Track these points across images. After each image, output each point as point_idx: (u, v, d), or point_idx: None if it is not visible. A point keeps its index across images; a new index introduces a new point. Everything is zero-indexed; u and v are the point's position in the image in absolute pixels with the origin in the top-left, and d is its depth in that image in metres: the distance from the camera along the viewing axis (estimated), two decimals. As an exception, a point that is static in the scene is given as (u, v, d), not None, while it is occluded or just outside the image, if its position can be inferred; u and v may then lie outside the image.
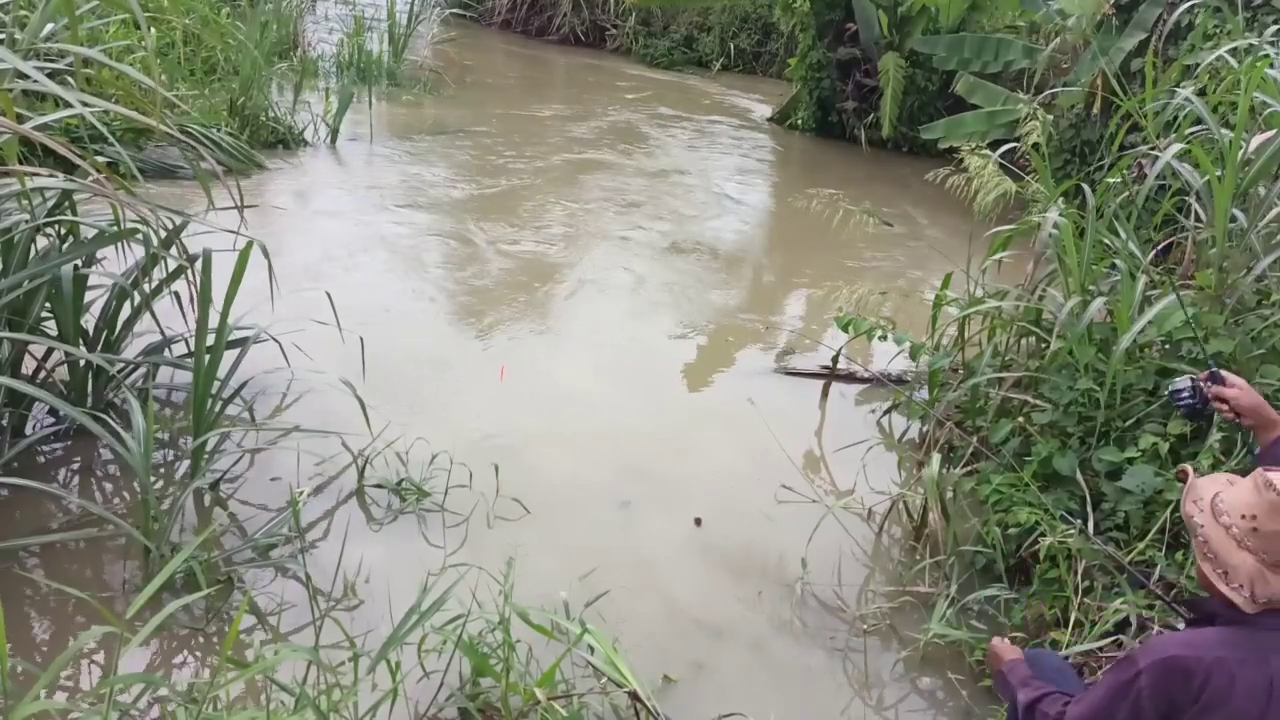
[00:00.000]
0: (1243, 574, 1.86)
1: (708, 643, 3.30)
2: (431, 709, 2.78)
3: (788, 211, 8.42)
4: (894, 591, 3.59)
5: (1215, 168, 3.77)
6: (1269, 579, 1.84)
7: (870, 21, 10.23)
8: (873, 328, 4.82)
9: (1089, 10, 7.57)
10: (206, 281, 3.48)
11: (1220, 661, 1.83)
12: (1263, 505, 1.86)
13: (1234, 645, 1.86)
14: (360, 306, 5.24)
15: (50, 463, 3.74)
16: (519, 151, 8.96)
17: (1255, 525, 1.86)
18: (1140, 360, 3.81)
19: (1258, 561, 1.85)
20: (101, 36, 6.41)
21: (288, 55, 9.97)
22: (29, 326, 3.56)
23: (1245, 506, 1.88)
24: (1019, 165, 5.16)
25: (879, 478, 4.34)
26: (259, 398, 4.19)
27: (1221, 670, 1.83)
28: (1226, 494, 1.93)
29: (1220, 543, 1.90)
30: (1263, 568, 1.85)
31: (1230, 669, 1.83)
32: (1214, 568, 1.90)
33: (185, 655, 2.97)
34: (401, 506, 3.74)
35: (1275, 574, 1.85)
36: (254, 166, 7.30)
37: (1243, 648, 1.85)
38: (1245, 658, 1.84)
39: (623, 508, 3.97)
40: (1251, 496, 1.88)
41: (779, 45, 14.13)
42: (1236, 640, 1.87)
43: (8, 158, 3.30)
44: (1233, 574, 1.87)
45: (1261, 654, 1.84)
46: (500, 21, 15.74)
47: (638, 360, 5.31)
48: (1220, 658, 1.84)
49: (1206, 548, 1.92)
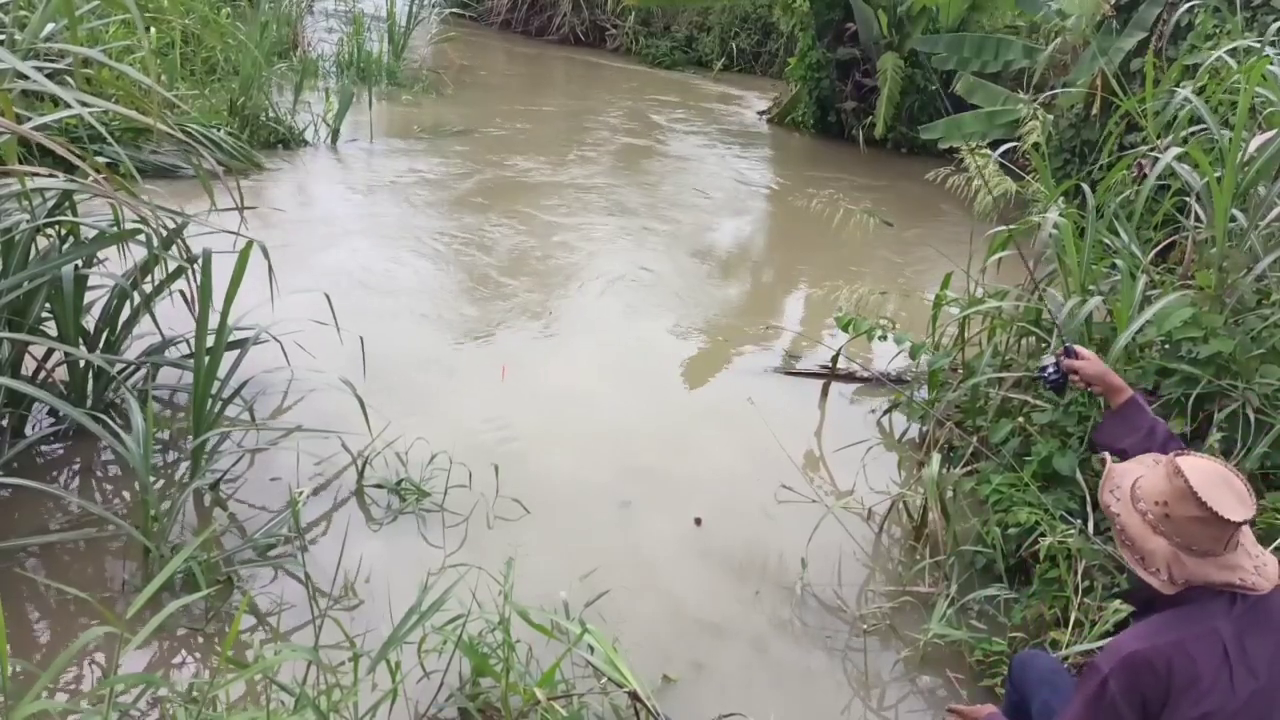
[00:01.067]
0: (1159, 558, 1.93)
1: (708, 643, 3.30)
2: (431, 709, 2.78)
3: (788, 211, 8.42)
4: (894, 591, 3.59)
5: (1215, 168, 3.77)
6: (1184, 561, 1.92)
7: (870, 21, 10.23)
8: (873, 328, 4.82)
9: (1089, 10, 7.57)
10: (207, 281, 3.48)
11: (1175, 644, 1.90)
12: (1173, 491, 1.94)
13: (1181, 624, 1.92)
14: (360, 306, 5.25)
15: (50, 463, 3.74)
16: (519, 151, 8.96)
17: (1167, 511, 1.94)
18: (1140, 360, 3.81)
19: (1172, 546, 1.93)
20: (101, 37, 6.41)
21: (287, 55, 9.97)
22: (29, 327, 3.55)
23: (1158, 493, 1.97)
24: (1019, 165, 5.16)
25: (879, 478, 4.34)
26: (259, 398, 4.19)
27: (1180, 651, 1.89)
28: (1144, 481, 2.02)
29: (1136, 529, 1.98)
30: (1177, 551, 1.92)
31: (1186, 648, 1.89)
32: (1132, 554, 1.98)
33: (185, 655, 2.97)
34: (401, 506, 3.74)
35: (1189, 556, 1.92)
36: (254, 166, 7.31)
37: (1189, 624, 1.92)
38: (1195, 632, 1.90)
39: (623, 507, 3.97)
40: (1164, 483, 1.97)
41: (778, 45, 14.13)
42: (1179, 620, 1.93)
43: (7, 158, 3.30)
44: (1149, 559, 1.95)
45: (1207, 624, 1.91)
46: (500, 21, 15.75)
47: (638, 360, 5.31)
48: (1174, 640, 1.91)
49: (1124, 535, 2.00)
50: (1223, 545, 1.92)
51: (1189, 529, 1.92)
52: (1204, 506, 1.89)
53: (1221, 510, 1.88)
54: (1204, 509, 1.89)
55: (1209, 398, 3.50)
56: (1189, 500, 1.91)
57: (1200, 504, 1.89)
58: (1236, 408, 3.38)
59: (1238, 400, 3.39)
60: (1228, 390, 3.43)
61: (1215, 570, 1.91)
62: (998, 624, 3.39)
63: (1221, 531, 1.91)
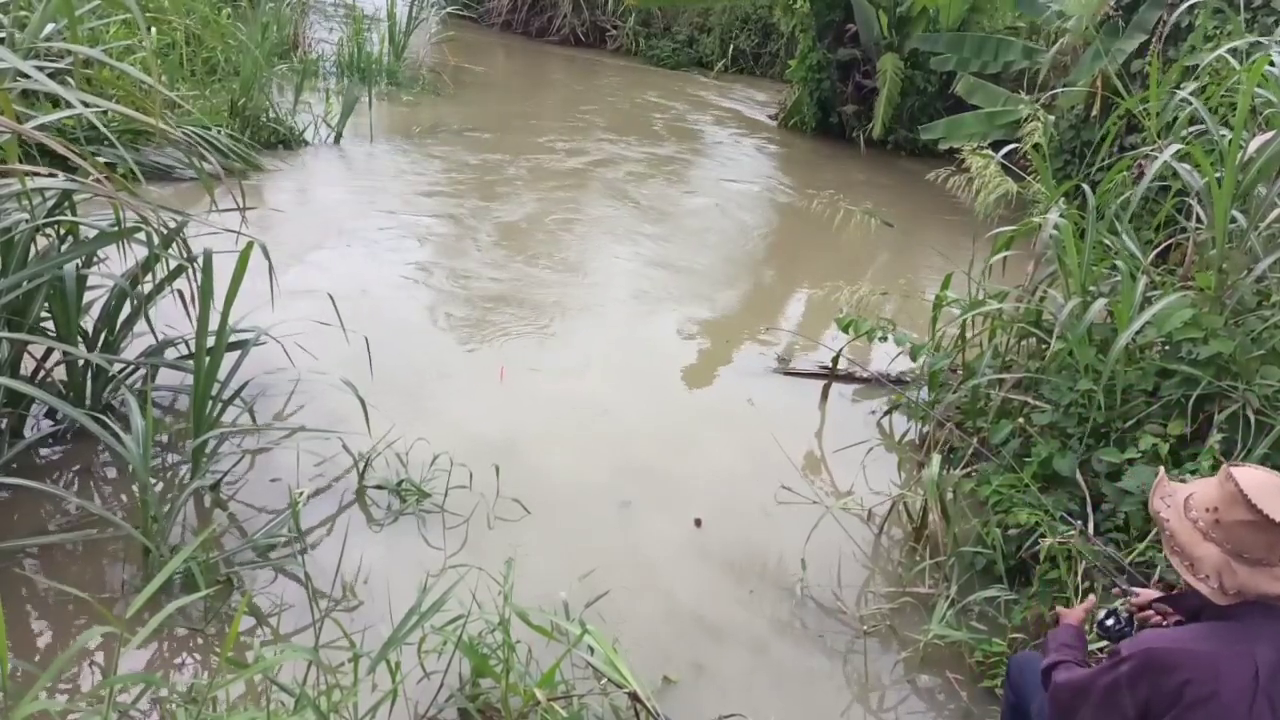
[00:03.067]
0: (1209, 565, 1.92)
1: (708, 643, 3.30)
2: (431, 709, 2.78)
3: (788, 212, 8.42)
4: (894, 592, 3.59)
5: (1215, 169, 3.77)
6: (1235, 569, 1.90)
7: (870, 22, 10.23)
8: (873, 328, 4.82)
9: (1090, 11, 7.57)
10: (208, 282, 3.48)
11: (1203, 654, 1.88)
12: (1224, 496, 1.94)
13: (1217, 638, 1.90)
14: (361, 307, 5.24)
15: (50, 465, 3.74)
16: (519, 151, 8.96)
17: (1218, 517, 1.93)
18: (1140, 361, 3.81)
19: (1223, 553, 1.92)
20: (101, 36, 6.41)
21: (288, 56, 9.96)
22: (28, 327, 3.55)
23: (1209, 500, 1.97)
24: (1020, 166, 5.15)
25: (879, 478, 4.34)
26: (260, 398, 4.19)
27: (1204, 664, 1.87)
28: (1198, 492, 2.03)
29: (1185, 535, 1.97)
30: (1228, 558, 1.91)
31: (1214, 662, 1.86)
32: (1181, 560, 1.97)
33: (185, 656, 2.96)
34: (402, 507, 3.74)
35: (1241, 564, 1.90)
36: (254, 167, 7.30)
37: (1225, 639, 1.89)
38: (1228, 649, 1.88)
39: (623, 508, 3.97)
40: (1214, 490, 1.97)
41: (779, 46, 14.13)
42: (1219, 633, 1.91)
43: (8, 157, 3.29)
44: (1198, 565, 1.94)
45: (1245, 645, 1.88)
46: (500, 22, 15.71)
47: (638, 360, 5.31)
48: (1202, 650, 1.88)
49: (1173, 541, 2.00)
50: (1277, 554, 1.90)
51: (1239, 534, 1.90)
52: (1255, 510, 1.87)
53: (1274, 514, 1.86)
54: (1255, 512, 1.87)
55: (1209, 399, 3.50)
56: (1240, 504, 1.90)
57: (1251, 507, 1.88)
58: (1237, 409, 3.38)
59: (1238, 401, 3.38)
60: (1228, 391, 3.43)
61: (1269, 581, 1.89)
62: (998, 625, 3.39)
63: (1274, 538, 1.88)
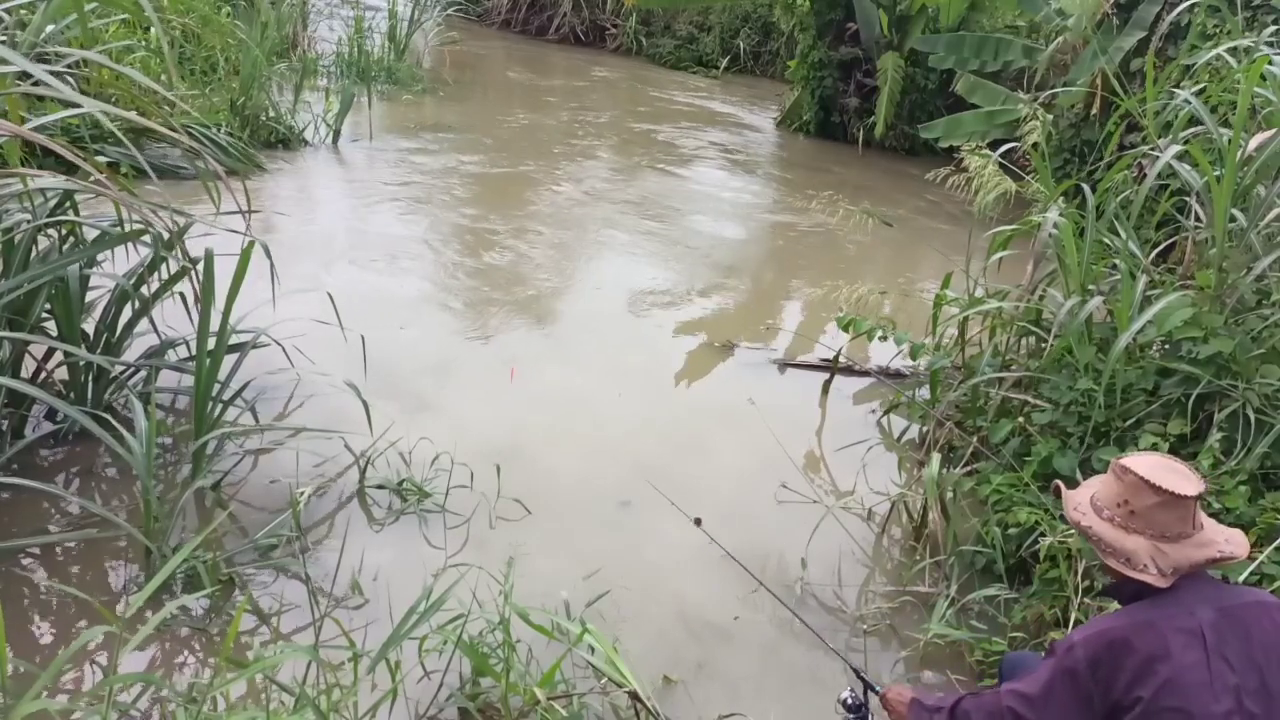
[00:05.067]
0: (1143, 555, 2.00)
1: (708, 643, 3.30)
2: (431, 709, 2.78)
3: (789, 211, 8.42)
4: (894, 591, 3.59)
5: (1214, 168, 3.77)
6: (1165, 550, 1.99)
7: (870, 21, 10.24)
8: (873, 328, 4.82)
9: (1089, 10, 7.57)
10: (209, 282, 3.48)
11: (1148, 625, 1.94)
12: (1127, 488, 2.04)
13: (1158, 609, 1.97)
14: (362, 307, 5.24)
15: (50, 466, 3.74)
16: (519, 150, 8.96)
17: (1131, 508, 2.03)
18: (1140, 360, 3.81)
19: (1148, 539, 2.00)
20: (101, 36, 6.40)
21: (287, 55, 9.96)
22: (30, 327, 3.55)
23: (1115, 495, 2.06)
24: (1019, 165, 5.16)
25: (879, 478, 4.34)
26: (262, 398, 4.18)
27: (1152, 633, 1.92)
28: (1099, 491, 2.12)
29: (1111, 535, 2.05)
30: (1155, 542, 2.00)
31: (1160, 630, 1.93)
32: (1117, 559, 2.04)
33: (186, 655, 2.97)
34: (403, 507, 3.74)
35: (1168, 544, 1.99)
36: (254, 167, 7.30)
37: (1167, 608, 1.96)
38: (1170, 615, 1.94)
39: (623, 508, 3.97)
40: (1116, 485, 2.07)
41: (779, 45, 14.14)
42: (1158, 606, 1.98)
43: (9, 159, 3.29)
44: (1134, 558, 2.01)
45: (1185, 610, 1.95)
46: (500, 21, 15.72)
47: (639, 360, 5.32)
48: (1147, 621, 1.95)
49: (1102, 544, 2.07)
50: (1191, 524, 2.00)
51: (1155, 516, 2.00)
52: (1160, 490, 1.98)
53: (1176, 489, 1.98)
54: (1161, 492, 1.98)
55: (1209, 398, 3.50)
56: (1144, 489, 2.00)
57: (1156, 489, 1.99)
58: (1237, 408, 3.38)
59: (1238, 400, 3.39)
60: (1228, 390, 3.43)
61: (1195, 549, 1.99)
62: (998, 624, 3.39)
63: (1184, 510, 1.99)
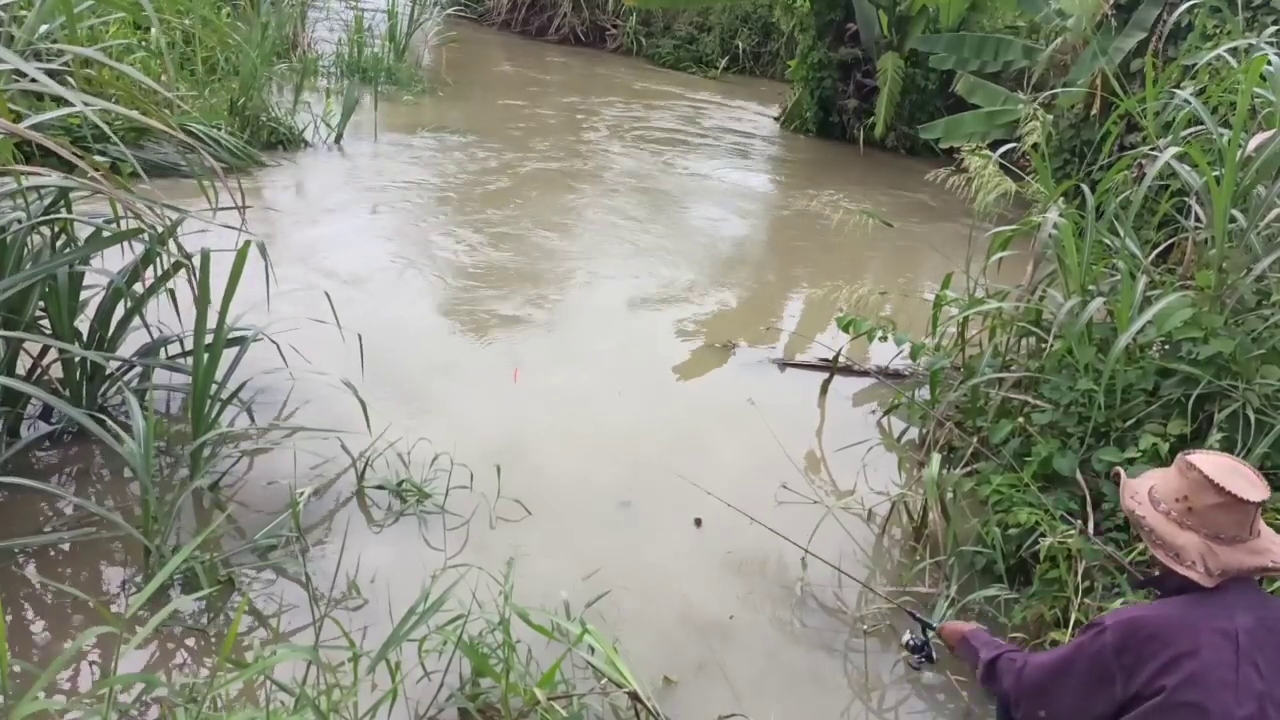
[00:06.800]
0: (1192, 552, 1.98)
1: (708, 643, 3.30)
2: (431, 709, 2.78)
3: (789, 211, 8.42)
4: (894, 592, 3.58)
5: (1214, 168, 3.77)
6: (1216, 551, 1.97)
7: (870, 21, 10.24)
8: (873, 328, 4.82)
9: (1089, 10, 7.57)
10: (205, 280, 3.47)
11: (1184, 624, 1.94)
12: (1190, 485, 2.02)
13: (1196, 609, 1.96)
14: (362, 306, 5.24)
15: (48, 467, 3.73)
16: (519, 150, 8.95)
17: (1190, 505, 2.01)
18: (1140, 360, 3.81)
19: (1201, 538, 1.99)
20: (100, 36, 6.40)
21: (287, 55, 9.95)
22: (24, 325, 3.53)
23: (1176, 490, 2.04)
24: (1019, 165, 5.15)
25: (879, 478, 4.34)
26: (260, 397, 4.18)
27: (1186, 628, 1.93)
28: (1159, 484, 2.10)
29: (1164, 528, 2.04)
30: (1208, 542, 1.98)
31: (1194, 627, 1.92)
32: (1165, 553, 2.03)
33: (185, 655, 2.96)
34: (402, 508, 3.74)
35: (1220, 545, 1.98)
36: (254, 165, 7.29)
37: (1206, 608, 1.96)
38: (1208, 620, 1.94)
39: (623, 508, 3.97)
40: (1179, 480, 2.05)
41: (779, 45, 14.14)
42: (1197, 604, 1.97)
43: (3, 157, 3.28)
44: (1183, 554, 2.00)
45: (1225, 612, 1.94)
46: (500, 22, 15.71)
47: (639, 360, 5.31)
48: (1183, 618, 1.95)
49: (1153, 535, 2.06)
50: (1248, 530, 1.98)
51: (1213, 517, 1.98)
52: (1222, 491, 1.96)
53: (1239, 492, 1.95)
54: (1223, 494, 1.96)
55: (1209, 398, 3.50)
56: (1207, 489, 1.98)
57: (1218, 489, 1.96)
58: (1237, 408, 3.38)
59: (1238, 400, 3.38)
60: (1228, 390, 3.43)
61: (1246, 556, 1.97)
62: (998, 624, 3.39)
63: (1244, 515, 1.97)
